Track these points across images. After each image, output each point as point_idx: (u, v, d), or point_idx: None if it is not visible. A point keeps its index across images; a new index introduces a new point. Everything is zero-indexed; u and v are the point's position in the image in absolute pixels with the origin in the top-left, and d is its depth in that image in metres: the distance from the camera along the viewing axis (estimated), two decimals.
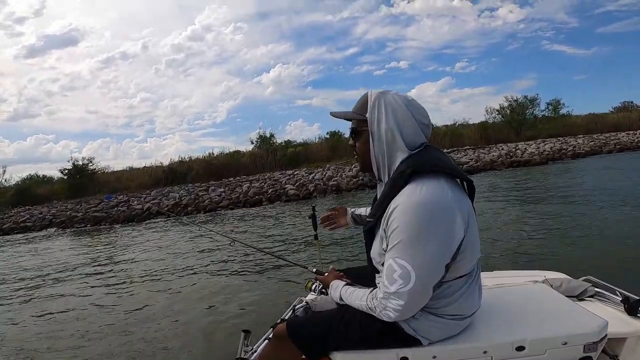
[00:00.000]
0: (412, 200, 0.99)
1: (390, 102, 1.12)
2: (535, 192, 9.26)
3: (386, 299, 1.03)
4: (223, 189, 16.66)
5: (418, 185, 1.00)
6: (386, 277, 1.02)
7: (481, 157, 18.07)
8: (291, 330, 1.25)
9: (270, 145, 25.59)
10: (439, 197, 0.99)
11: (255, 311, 3.61)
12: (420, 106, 1.15)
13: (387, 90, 1.16)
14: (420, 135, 1.12)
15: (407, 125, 1.10)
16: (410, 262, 0.98)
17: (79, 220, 14.82)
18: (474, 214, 1.09)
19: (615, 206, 5.57)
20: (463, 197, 1.07)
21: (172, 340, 3.27)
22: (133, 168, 26.25)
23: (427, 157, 1.07)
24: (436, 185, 1.00)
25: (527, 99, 27.07)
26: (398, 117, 1.10)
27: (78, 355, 3.23)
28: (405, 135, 1.10)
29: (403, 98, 1.13)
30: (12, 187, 23.63)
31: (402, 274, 0.99)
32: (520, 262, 3.81)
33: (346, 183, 14.71)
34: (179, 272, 5.53)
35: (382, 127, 1.10)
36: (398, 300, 1.01)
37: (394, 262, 1.00)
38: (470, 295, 1.11)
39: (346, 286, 1.25)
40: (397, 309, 1.02)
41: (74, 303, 4.70)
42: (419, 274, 0.98)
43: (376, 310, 1.07)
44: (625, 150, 18.35)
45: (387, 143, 1.10)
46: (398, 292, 1.00)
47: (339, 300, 1.25)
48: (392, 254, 1.00)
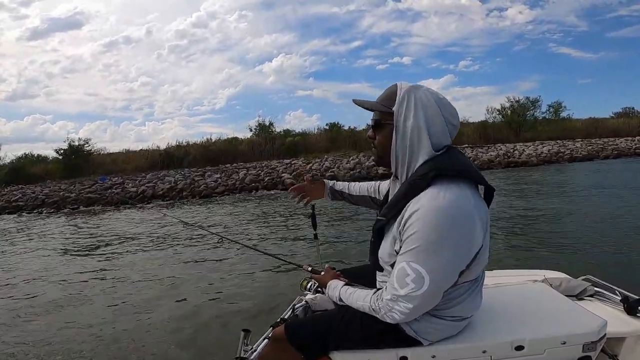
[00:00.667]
0: (434, 204, 0.95)
1: (421, 98, 1.06)
2: (533, 192, 9.31)
3: (394, 302, 1.01)
4: (219, 175, 16.62)
5: (440, 190, 0.97)
6: (397, 280, 1.00)
7: (479, 156, 18.14)
8: (290, 332, 1.24)
9: (269, 134, 25.49)
10: (461, 203, 0.96)
11: (255, 310, 3.56)
12: (451, 106, 1.10)
13: (419, 85, 1.10)
14: (447, 136, 1.08)
15: (436, 125, 1.05)
16: (426, 267, 0.96)
17: (71, 201, 14.72)
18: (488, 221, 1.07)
19: (615, 206, 5.61)
20: (482, 203, 1.04)
21: (170, 339, 3.20)
22: (129, 151, 26.07)
23: (451, 161, 1.03)
24: (458, 191, 0.97)
25: (528, 100, 27.15)
26: (428, 115, 1.05)
27: (70, 351, 3.13)
28: (432, 135, 1.05)
29: (435, 95, 1.08)
30: (7, 165, 23.39)
31: (415, 279, 0.97)
32: (519, 262, 3.81)
33: (343, 175, 14.74)
34: (174, 266, 5.42)
35: (409, 123, 1.06)
36: (407, 304, 1.00)
37: (407, 266, 0.97)
38: (473, 298, 1.11)
39: (346, 286, 1.23)
40: (404, 312, 1.01)
41: (65, 298, 4.49)
42: (433, 279, 0.96)
43: (381, 312, 1.06)
44: (622, 156, 18.48)
45: (411, 140, 1.06)
46: (409, 295, 0.99)
47: (338, 300, 1.23)
48: (407, 258, 0.98)
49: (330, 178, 14.12)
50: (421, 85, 1.10)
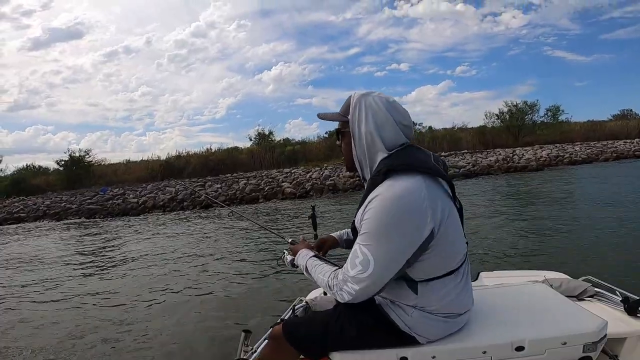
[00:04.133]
0: (385, 195, 1.02)
1: (371, 104, 1.14)
2: (534, 195, 9.33)
3: (344, 281, 1.07)
4: (220, 184, 16.65)
5: (393, 181, 1.04)
6: (350, 260, 1.07)
7: (478, 161, 18.16)
8: (287, 331, 1.25)
9: (269, 143, 25.58)
10: (409, 193, 1.01)
11: (255, 311, 3.57)
12: (401, 108, 1.17)
13: (370, 92, 1.18)
14: (400, 136, 1.15)
15: (387, 128, 1.13)
16: (372, 252, 1.02)
17: (73, 213, 14.74)
18: (455, 212, 1.11)
19: (615, 207, 5.60)
20: (440, 195, 1.07)
21: (171, 340, 3.22)
22: (130, 161, 26.16)
23: (403, 157, 1.10)
24: (410, 182, 1.03)
25: (526, 105, 27.27)
26: (377, 119, 1.13)
27: (73, 353, 3.17)
28: (385, 137, 1.13)
29: (384, 100, 1.15)
30: (8, 177, 23.47)
31: (363, 261, 1.03)
32: (519, 263, 3.81)
33: (343, 183, 14.73)
34: (176, 269, 5.47)
35: (362, 129, 1.14)
36: (354, 285, 1.05)
37: (358, 248, 1.05)
38: (460, 293, 1.12)
39: (313, 257, 1.28)
40: (351, 293, 1.06)
41: (67, 301, 4.59)
42: (377, 264, 1.02)
43: (334, 289, 1.11)
44: (622, 158, 18.44)
45: (367, 144, 1.14)
46: (356, 277, 1.04)
47: (304, 270, 1.27)
48: (359, 240, 1.05)
49: (331, 188, 14.05)
50: (372, 92, 1.18)
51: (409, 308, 1.10)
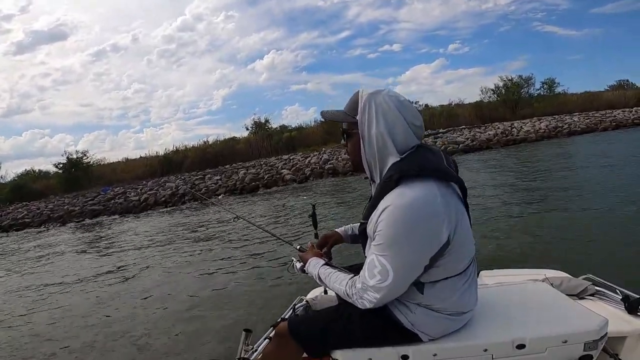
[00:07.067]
0: (398, 203, 1.00)
1: (381, 104, 1.10)
2: (534, 172, 9.25)
3: (364, 290, 1.08)
4: (219, 176, 16.61)
5: (405, 189, 1.01)
6: (367, 270, 1.06)
7: (477, 136, 18.04)
8: (292, 328, 1.26)
9: (266, 131, 25.40)
10: (424, 201, 1.00)
11: (255, 310, 3.59)
12: (412, 107, 1.13)
13: (379, 90, 1.13)
14: (411, 137, 1.11)
15: (398, 129, 1.09)
16: (390, 262, 1.02)
17: (76, 215, 14.77)
18: (466, 215, 1.10)
19: (616, 203, 5.45)
20: (452, 199, 1.06)
21: (171, 339, 3.25)
22: (129, 159, 26.02)
23: (416, 161, 1.06)
24: (423, 189, 1.01)
25: (521, 79, 26.87)
26: (388, 120, 1.09)
27: (72, 352, 3.25)
28: (396, 139, 1.09)
29: (395, 99, 1.11)
30: (8, 183, 23.38)
31: (381, 271, 1.03)
32: (520, 261, 3.76)
33: (342, 166, 14.67)
34: (176, 269, 5.50)
35: (373, 131, 1.09)
36: (375, 294, 1.06)
37: (376, 259, 1.04)
38: (465, 292, 1.12)
39: (325, 265, 1.28)
40: (372, 301, 1.07)
41: (71, 300, 4.72)
42: (396, 273, 1.03)
43: (353, 297, 1.12)
44: (621, 127, 18.24)
45: (377, 147, 1.10)
46: (376, 286, 1.05)
47: (317, 278, 1.28)
48: (375, 251, 1.04)
49: (331, 172, 14.03)
50: (381, 90, 1.13)
51: (413, 306, 1.11)
